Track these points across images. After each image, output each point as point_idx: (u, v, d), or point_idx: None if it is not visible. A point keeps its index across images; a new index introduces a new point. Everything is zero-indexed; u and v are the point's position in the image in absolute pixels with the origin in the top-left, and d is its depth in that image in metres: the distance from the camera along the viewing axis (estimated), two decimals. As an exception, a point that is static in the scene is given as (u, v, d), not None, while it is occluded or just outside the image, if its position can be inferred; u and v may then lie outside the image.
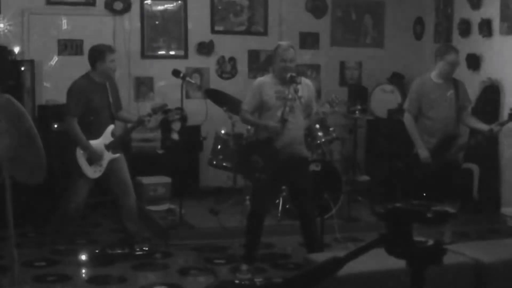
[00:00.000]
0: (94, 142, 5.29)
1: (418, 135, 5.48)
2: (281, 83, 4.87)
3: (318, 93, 7.62)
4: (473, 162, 6.93)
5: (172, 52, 7.88)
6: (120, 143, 5.54)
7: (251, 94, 4.97)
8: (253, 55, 8.16)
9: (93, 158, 5.28)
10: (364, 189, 7.38)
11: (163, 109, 5.84)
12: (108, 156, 5.36)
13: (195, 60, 7.94)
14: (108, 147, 5.35)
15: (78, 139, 5.24)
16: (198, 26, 7.91)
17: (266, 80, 5.00)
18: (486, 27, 7.10)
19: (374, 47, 8.57)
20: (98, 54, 5.29)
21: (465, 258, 3.63)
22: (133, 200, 5.49)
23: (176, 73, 6.01)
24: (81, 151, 5.26)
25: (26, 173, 4.63)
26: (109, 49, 5.35)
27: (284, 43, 5.09)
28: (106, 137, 5.36)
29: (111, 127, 5.41)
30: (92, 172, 5.32)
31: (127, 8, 7.63)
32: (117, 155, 5.42)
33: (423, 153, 5.41)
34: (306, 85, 4.94)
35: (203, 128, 7.38)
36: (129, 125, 5.75)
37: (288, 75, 4.75)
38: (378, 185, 7.42)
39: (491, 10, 7.05)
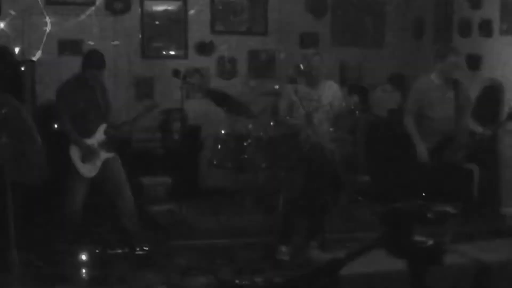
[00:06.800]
0: (87, 141, 5.29)
1: (417, 134, 5.49)
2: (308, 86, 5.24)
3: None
4: (473, 162, 6.92)
5: (172, 52, 7.88)
6: (113, 142, 5.53)
7: (284, 98, 5.35)
8: (253, 55, 8.15)
9: (87, 154, 5.28)
10: (364, 189, 7.38)
11: (154, 108, 5.81)
12: (102, 155, 5.36)
13: (195, 60, 7.93)
14: (102, 145, 5.35)
15: (71, 136, 5.25)
16: (198, 26, 7.91)
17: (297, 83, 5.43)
18: (486, 27, 7.10)
19: (374, 47, 8.56)
20: (84, 60, 5.28)
21: (465, 258, 3.63)
22: (129, 200, 5.48)
23: (176, 73, 6.01)
24: (75, 150, 5.26)
25: (26, 173, 4.64)
26: (96, 64, 5.27)
27: (309, 53, 5.38)
28: (99, 135, 5.37)
29: (103, 126, 5.41)
30: (87, 171, 5.31)
31: (127, 8, 7.62)
32: (112, 154, 5.42)
33: (421, 151, 5.42)
34: (330, 86, 5.30)
35: (203, 128, 7.38)
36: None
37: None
38: (378, 185, 7.41)
39: (491, 10, 7.04)
